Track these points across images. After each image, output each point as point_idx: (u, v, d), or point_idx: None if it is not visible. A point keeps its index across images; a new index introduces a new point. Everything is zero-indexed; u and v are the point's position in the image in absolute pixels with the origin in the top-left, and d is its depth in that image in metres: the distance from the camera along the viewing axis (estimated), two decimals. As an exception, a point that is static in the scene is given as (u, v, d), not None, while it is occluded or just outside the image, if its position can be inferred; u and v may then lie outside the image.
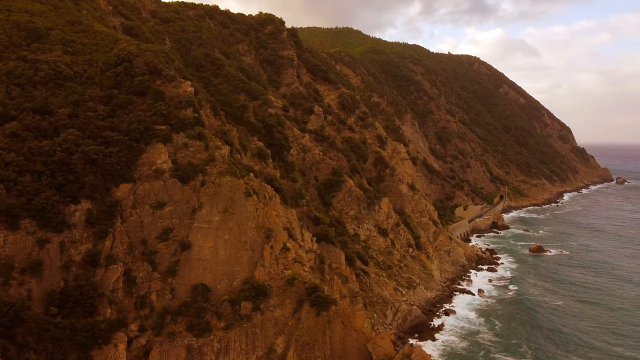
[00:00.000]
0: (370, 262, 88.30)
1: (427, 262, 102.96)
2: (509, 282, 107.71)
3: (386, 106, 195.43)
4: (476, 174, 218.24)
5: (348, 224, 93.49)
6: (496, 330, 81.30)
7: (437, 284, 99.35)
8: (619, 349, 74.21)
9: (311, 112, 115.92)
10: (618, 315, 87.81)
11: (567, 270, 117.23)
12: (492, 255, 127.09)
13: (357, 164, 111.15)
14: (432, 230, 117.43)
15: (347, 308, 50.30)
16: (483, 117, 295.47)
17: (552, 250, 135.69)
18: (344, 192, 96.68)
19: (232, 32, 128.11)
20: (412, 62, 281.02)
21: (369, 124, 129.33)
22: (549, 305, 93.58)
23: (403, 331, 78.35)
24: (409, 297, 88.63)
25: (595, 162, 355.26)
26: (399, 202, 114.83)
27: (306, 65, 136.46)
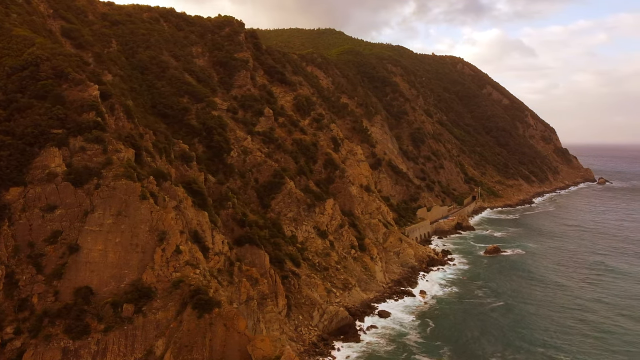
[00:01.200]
0: (304, 263, 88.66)
1: (371, 263, 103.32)
2: (455, 283, 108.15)
3: (356, 107, 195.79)
4: (449, 174, 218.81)
5: (286, 226, 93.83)
6: (425, 331, 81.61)
7: (378, 285, 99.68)
8: (542, 350, 74.35)
9: (261, 114, 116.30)
10: (557, 317, 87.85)
11: (517, 271, 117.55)
12: (444, 257, 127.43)
13: (304, 166, 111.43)
14: (382, 231, 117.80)
15: (230, 310, 50.61)
16: (463, 117, 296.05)
17: (508, 250, 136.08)
18: (284, 194, 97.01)
19: (186, 34, 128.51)
20: (391, 64, 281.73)
21: (324, 125, 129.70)
22: (488, 306, 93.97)
23: (329, 332, 78.66)
24: (343, 298, 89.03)
25: (577, 163, 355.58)
26: (348, 203, 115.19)
27: (263, 67, 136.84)
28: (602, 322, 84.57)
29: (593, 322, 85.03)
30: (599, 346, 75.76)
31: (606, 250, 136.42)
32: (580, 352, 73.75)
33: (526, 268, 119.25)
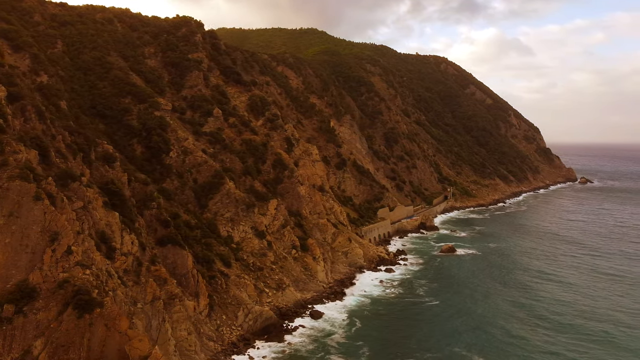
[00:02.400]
0: (237, 264, 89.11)
1: (312, 263, 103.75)
2: (400, 283, 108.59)
3: (325, 107, 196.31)
4: (422, 174, 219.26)
5: (222, 226, 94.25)
6: (351, 331, 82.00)
7: (318, 285, 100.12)
8: (464, 352, 74.69)
9: (210, 114, 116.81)
10: (484, 319, 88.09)
11: (467, 271, 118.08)
12: (396, 257, 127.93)
13: (251, 166, 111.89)
14: (332, 231, 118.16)
15: (113, 310, 51.05)
16: (443, 117, 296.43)
17: (464, 250, 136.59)
18: (222, 195, 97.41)
19: (140, 35, 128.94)
20: (370, 64, 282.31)
21: (278, 125, 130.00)
22: (424, 306, 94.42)
23: (253, 332, 79.12)
24: (276, 298, 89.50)
25: (560, 162, 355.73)
26: (296, 203, 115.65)
27: (220, 67, 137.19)
28: (521, 327, 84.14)
29: (514, 325, 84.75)
30: (513, 349, 76.03)
31: (553, 254, 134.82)
32: (498, 354, 74.13)
33: (474, 269, 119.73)
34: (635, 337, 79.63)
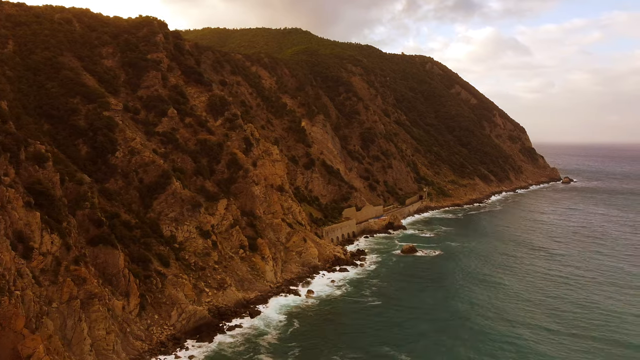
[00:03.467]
0: (177, 263, 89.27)
1: (261, 263, 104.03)
2: (350, 282, 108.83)
3: (297, 107, 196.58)
4: (398, 174, 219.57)
5: (166, 226, 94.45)
6: (287, 332, 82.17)
7: (264, 285, 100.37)
8: (392, 351, 74.86)
9: (164, 114, 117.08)
10: (418, 319, 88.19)
11: (420, 271, 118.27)
12: (354, 257, 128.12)
13: (203, 166, 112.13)
14: (286, 231, 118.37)
15: (9, 310, 51.30)
16: (425, 117, 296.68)
17: (425, 250, 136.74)
18: (167, 195, 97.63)
19: (99, 35, 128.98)
20: (351, 63, 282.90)
21: (237, 125, 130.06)
22: (366, 305, 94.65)
23: (185, 332, 79.36)
24: (216, 298, 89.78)
25: (544, 162, 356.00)
26: (249, 203, 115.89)
27: (181, 67, 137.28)
28: (452, 327, 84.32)
29: (449, 326, 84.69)
30: (439, 348, 76.28)
31: (506, 254, 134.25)
32: (424, 352, 74.37)
33: (428, 269, 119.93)
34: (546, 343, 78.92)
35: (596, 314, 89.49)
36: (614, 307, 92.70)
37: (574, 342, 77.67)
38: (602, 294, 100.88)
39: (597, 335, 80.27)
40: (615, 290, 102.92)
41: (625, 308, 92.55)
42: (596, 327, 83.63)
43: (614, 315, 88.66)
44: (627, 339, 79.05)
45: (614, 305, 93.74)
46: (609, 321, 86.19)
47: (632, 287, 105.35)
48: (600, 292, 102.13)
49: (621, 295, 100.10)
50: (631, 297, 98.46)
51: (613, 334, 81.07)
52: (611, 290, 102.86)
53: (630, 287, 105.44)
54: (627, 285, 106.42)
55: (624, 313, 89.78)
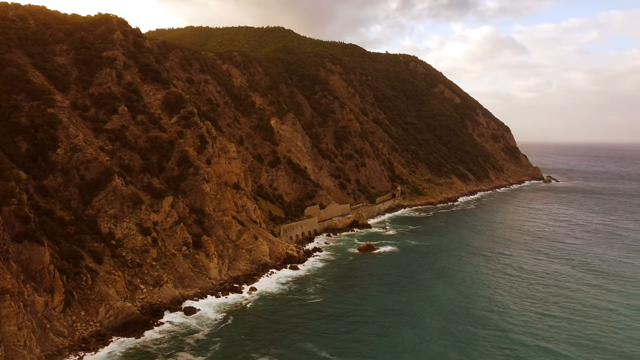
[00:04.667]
0: (111, 260, 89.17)
1: (205, 260, 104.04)
2: (297, 280, 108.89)
3: (268, 106, 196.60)
4: (372, 173, 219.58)
5: (104, 223, 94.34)
6: (217, 329, 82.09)
7: (206, 282, 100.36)
8: (309, 345, 74.93)
9: (115, 111, 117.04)
10: (356, 315, 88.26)
11: (370, 268, 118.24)
12: (308, 254, 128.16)
13: (150, 163, 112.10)
14: (237, 229, 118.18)
15: None
16: (405, 116, 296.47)
17: (383, 248, 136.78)
18: (108, 192, 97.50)
19: (54, 32, 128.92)
20: (330, 62, 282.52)
21: (192, 123, 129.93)
22: (305, 303, 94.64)
23: (112, 328, 79.31)
24: (151, 294, 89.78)
25: (526, 161, 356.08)
26: (199, 201, 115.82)
27: (139, 65, 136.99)
28: (390, 326, 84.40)
29: (379, 323, 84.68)
30: (365, 346, 76.30)
31: (459, 254, 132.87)
32: (348, 350, 74.42)
33: (379, 266, 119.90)
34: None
35: (521, 313, 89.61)
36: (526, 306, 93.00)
37: (499, 339, 77.77)
38: (528, 293, 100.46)
39: (512, 330, 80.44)
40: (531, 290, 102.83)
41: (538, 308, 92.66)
42: (515, 325, 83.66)
43: (525, 313, 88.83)
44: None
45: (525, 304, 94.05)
46: (528, 320, 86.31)
47: (561, 286, 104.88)
48: (529, 291, 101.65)
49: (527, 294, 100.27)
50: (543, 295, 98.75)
51: (524, 329, 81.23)
52: (530, 290, 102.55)
53: (559, 286, 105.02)
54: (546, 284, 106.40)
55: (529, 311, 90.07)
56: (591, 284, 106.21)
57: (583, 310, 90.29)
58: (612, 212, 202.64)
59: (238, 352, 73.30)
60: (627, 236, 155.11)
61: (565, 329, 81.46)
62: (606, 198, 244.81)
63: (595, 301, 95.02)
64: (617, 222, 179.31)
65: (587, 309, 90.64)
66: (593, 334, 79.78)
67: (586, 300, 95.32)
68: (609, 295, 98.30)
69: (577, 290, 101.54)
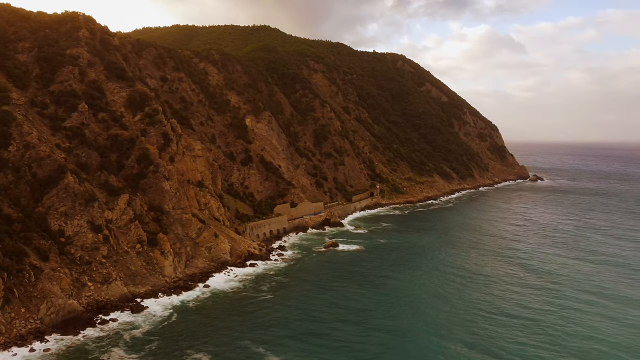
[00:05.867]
0: (59, 257, 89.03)
1: (160, 258, 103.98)
2: (254, 278, 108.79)
3: (243, 104, 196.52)
4: (351, 171, 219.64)
5: (54, 220, 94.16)
6: (159, 327, 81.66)
7: (159, 280, 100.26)
8: (246, 342, 74.86)
9: (75, 109, 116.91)
10: (303, 313, 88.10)
11: (330, 266, 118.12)
12: (270, 252, 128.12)
13: (108, 161, 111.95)
14: (197, 227, 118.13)
15: None
16: (390, 115, 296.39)
17: (348, 246, 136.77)
18: (60, 189, 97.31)
19: (17, 29, 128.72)
20: (313, 60, 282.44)
21: (156, 121, 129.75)
22: (255, 301, 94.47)
23: (53, 326, 79.17)
24: (98, 292, 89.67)
25: (513, 160, 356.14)
26: (158, 198, 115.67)
27: (104, 63, 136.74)
28: (332, 324, 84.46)
29: (315, 322, 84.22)
30: (305, 345, 76.23)
31: (419, 253, 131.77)
32: (290, 347, 74.38)
33: (341, 264, 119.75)
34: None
35: (462, 308, 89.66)
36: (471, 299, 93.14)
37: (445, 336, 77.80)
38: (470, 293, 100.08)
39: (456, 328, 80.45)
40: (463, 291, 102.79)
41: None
42: (461, 322, 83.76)
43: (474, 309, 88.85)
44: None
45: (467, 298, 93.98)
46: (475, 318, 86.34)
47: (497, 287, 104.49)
48: (458, 292, 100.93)
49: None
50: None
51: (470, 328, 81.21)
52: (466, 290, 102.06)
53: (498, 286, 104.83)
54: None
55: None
56: (525, 283, 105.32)
57: (509, 309, 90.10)
58: (586, 211, 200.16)
59: (174, 349, 73.20)
60: (587, 237, 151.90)
61: (500, 326, 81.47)
62: (585, 197, 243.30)
63: (525, 301, 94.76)
64: (581, 222, 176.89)
65: (511, 308, 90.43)
66: (520, 335, 79.78)
67: (514, 300, 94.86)
68: (543, 296, 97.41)
69: (507, 291, 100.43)
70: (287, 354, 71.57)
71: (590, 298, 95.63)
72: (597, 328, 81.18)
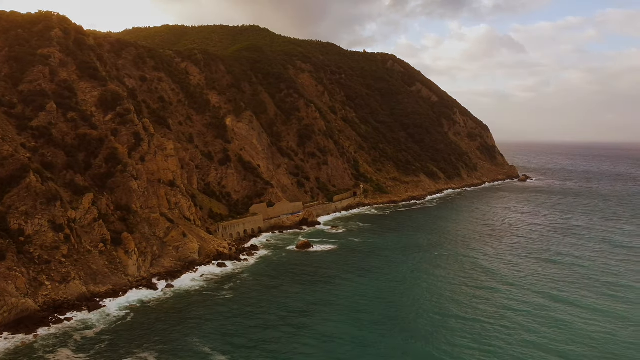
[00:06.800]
0: (16, 257, 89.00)
1: (124, 257, 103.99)
2: (220, 278, 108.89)
3: (224, 104, 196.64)
4: (334, 171, 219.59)
5: (14, 220, 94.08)
6: (112, 326, 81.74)
7: (121, 279, 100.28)
8: (196, 340, 74.86)
9: (43, 109, 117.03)
10: (255, 313, 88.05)
11: (297, 266, 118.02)
12: (241, 252, 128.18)
13: (74, 160, 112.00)
14: (166, 226, 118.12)
15: None
16: (378, 114, 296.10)
17: (322, 246, 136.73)
18: (21, 188, 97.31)
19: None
20: (300, 60, 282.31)
21: (128, 120, 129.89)
22: (214, 300, 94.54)
23: (5, 325, 79.22)
24: (56, 291, 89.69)
25: (502, 160, 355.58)
26: (125, 198, 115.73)
27: (77, 63, 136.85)
28: (279, 322, 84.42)
29: (271, 325, 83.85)
30: (242, 341, 76.21)
31: (387, 253, 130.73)
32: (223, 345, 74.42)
33: (309, 264, 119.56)
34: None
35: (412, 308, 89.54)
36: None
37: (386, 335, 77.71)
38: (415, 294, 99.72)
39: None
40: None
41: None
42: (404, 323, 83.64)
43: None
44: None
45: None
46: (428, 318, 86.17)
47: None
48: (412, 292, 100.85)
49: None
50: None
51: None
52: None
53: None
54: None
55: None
56: (475, 284, 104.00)
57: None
58: (564, 213, 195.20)
59: (121, 348, 73.18)
60: (553, 239, 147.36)
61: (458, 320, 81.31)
62: (569, 199, 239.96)
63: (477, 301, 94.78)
64: (554, 224, 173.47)
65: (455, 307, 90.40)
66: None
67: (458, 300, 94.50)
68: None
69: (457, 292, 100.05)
70: (233, 354, 71.51)
71: (538, 300, 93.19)
72: (536, 331, 79.69)
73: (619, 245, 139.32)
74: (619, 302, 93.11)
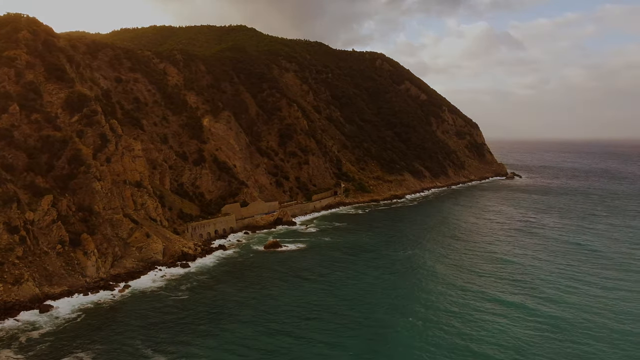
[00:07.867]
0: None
1: (83, 258, 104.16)
2: (180, 278, 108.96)
3: (202, 104, 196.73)
4: (315, 170, 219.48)
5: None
6: (62, 327, 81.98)
7: (78, 280, 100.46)
8: (138, 342, 74.92)
9: (5, 111, 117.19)
10: (211, 314, 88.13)
11: (261, 265, 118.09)
12: (208, 252, 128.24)
13: (35, 162, 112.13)
14: (129, 227, 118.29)
15: None
16: (364, 113, 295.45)
17: (293, 245, 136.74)
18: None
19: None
20: (285, 60, 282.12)
21: (95, 122, 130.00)
22: (170, 299, 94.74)
23: (-49, 327, 79.57)
24: (7, 292, 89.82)
25: (491, 158, 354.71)
26: (88, 199, 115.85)
27: (45, 64, 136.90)
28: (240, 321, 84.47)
29: (222, 325, 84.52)
30: (206, 340, 76.28)
31: (357, 253, 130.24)
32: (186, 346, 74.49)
33: (274, 264, 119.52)
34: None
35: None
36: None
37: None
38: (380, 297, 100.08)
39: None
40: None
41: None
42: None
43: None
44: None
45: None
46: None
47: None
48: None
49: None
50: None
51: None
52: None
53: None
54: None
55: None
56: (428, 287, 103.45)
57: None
58: (539, 212, 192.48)
59: (62, 349, 73.30)
60: (512, 240, 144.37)
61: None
62: (548, 197, 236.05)
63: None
64: (524, 224, 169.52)
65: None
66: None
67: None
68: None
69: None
70: (172, 355, 71.58)
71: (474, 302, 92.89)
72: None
73: (581, 246, 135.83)
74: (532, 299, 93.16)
